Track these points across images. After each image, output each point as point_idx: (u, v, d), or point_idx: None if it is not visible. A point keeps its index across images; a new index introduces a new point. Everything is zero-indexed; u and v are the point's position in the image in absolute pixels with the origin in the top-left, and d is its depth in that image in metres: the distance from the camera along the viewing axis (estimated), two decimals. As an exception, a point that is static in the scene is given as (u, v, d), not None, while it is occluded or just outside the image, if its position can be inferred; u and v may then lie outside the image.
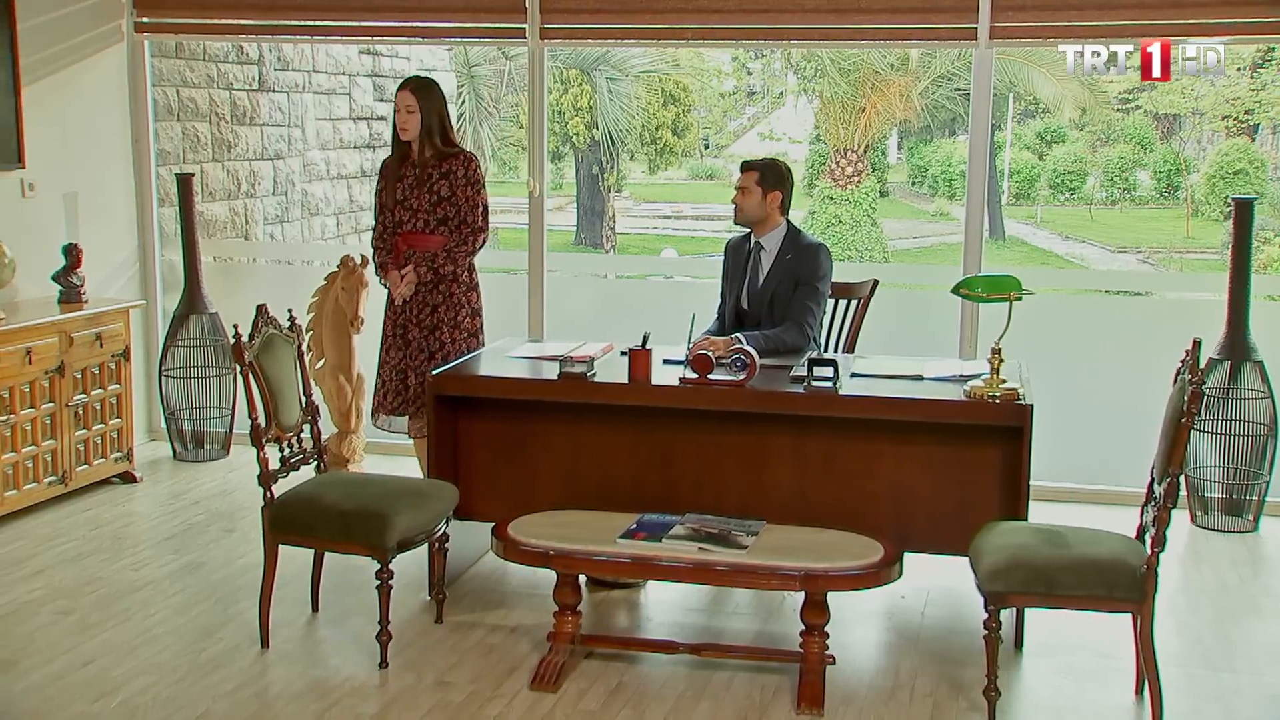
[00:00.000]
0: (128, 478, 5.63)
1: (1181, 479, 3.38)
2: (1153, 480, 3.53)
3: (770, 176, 4.60)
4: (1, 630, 3.99)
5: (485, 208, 4.80)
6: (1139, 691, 3.62)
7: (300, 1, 5.88)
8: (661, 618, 4.20)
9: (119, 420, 5.56)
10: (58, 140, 5.71)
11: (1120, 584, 3.32)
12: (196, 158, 7.01)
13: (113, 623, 4.06)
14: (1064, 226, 19.84)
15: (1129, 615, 3.43)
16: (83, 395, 5.32)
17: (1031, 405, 3.81)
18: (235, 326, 3.88)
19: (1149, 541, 3.34)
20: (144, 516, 5.23)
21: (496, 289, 5.38)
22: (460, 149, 4.81)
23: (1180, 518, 5.12)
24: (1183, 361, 3.58)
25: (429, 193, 4.72)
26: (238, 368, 3.85)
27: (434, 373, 4.28)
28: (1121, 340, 5.64)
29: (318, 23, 6.01)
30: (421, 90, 4.75)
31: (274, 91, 8.01)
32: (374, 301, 5.73)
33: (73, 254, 5.48)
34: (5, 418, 4.90)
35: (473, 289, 4.86)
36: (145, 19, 6.08)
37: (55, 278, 5.46)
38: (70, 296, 5.45)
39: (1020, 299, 3.90)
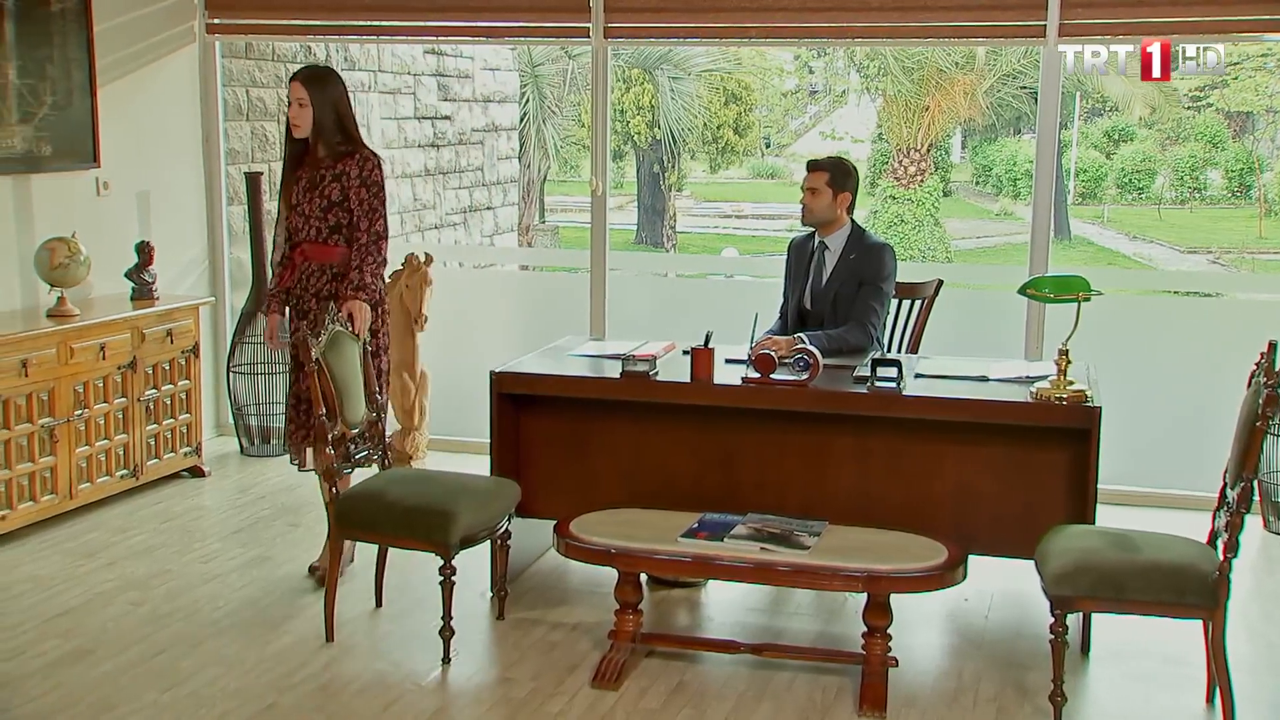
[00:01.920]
0: (196, 472, 5.72)
1: (1255, 484, 3.31)
2: (1225, 485, 3.47)
3: (840, 177, 4.57)
4: (76, 620, 4.08)
5: (383, 214, 4.27)
6: (1209, 699, 3.55)
7: (367, 2, 5.95)
8: (722, 617, 4.19)
9: (188, 415, 5.65)
10: (131, 140, 5.81)
11: (1191, 589, 3.26)
12: (265, 157, 7.10)
13: (182, 614, 4.13)
14: (1131, 226, 19.52)
15: (1199, 621, 3.38)
16: (153, 390, 5.42)
17: (1100, 407, 3.75)
18: (302, 323, 3.93)
19: (1221, 547, 3.28)
20: (212, 510, 5.32)
21: (558, 288, 5.41)
22: (358, 147, 4.30)
23: (1253, 523, 5.01)
24: (1257, 364, 3.51)
25: (320, 196, 4.23)
26: (304, 365, 3.89)
27: (495, 370, 4.29)
28: (1192, 342, 5.54)
29: (384, 23, 6.08)
30: (314, 81, 4.26)
31: (340, 91, 8.08)
32: (437, 300, 5.79)
33: (145, 251, 5.58)
34: (80, 412, 5.01)
35: (381, 302, 4.35)
36: (216, 20, 6.18)
37: (128, 275, 5.57)
38: (142, 293, 5.55)
39: (1089, 299, 3.84)
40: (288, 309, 4.43)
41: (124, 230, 5.75)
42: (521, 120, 15.29)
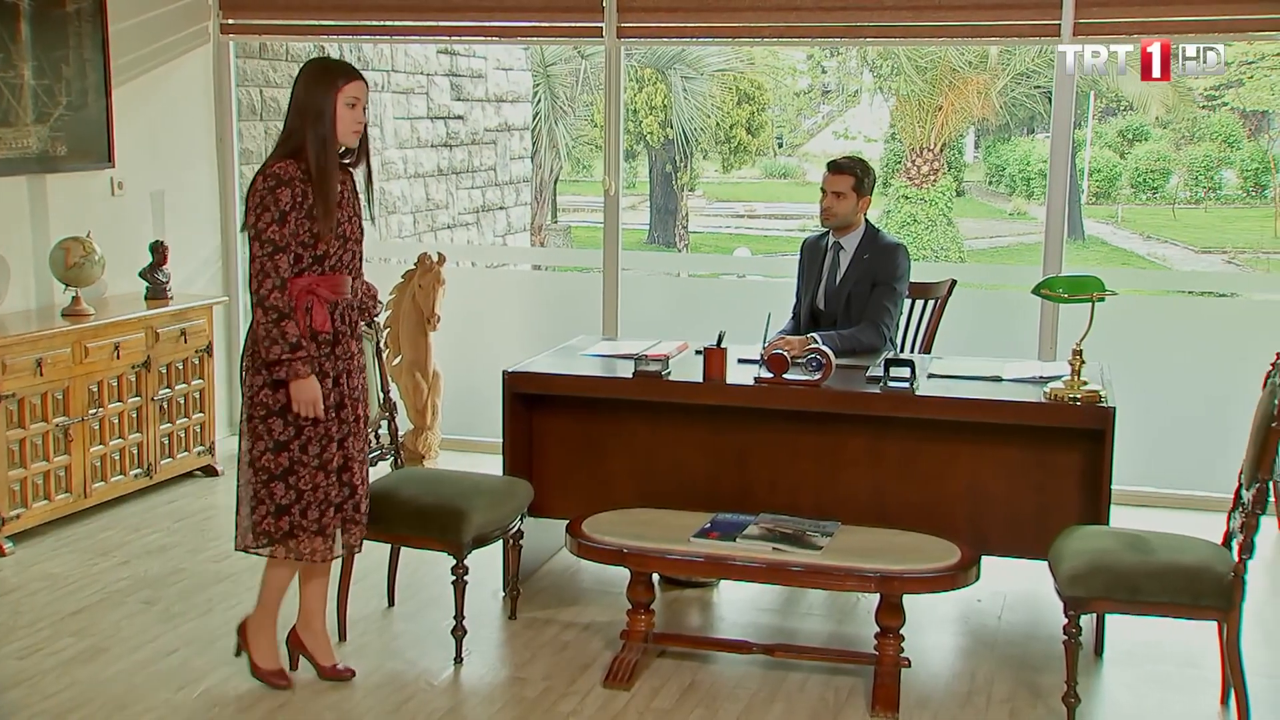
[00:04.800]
0: (210, 471, 5.73)
1: (1271, 485, 3.29)
2: (1240, 486, 3.45)
3: (866, 182, 4.56)
4: (91, 618, 4.09)
5: None
6: (1224, 701, 3.54)
7: (381, 2, 5.96)
8: (735, 617, 4.19)
9: (202, 414, 5.67)
10: (145, 140, 5.83)
11: (1206, 591, 3.24)
12: (278, 157, 7.12)
13: (196, 613, 4.14)
14: (1145, 226, 19.43)
15: (1214, 623, 3.36)
16: (167, 390, 5.43)
17: (1114, 408, 3.74)
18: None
19: (1236, 548, 3.27)
20: (225, 509, 5.32)
21: (570, 287, 5.41)
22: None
23: (1268, 525, 4.98)
24: (1274, 365, 3.49)
25: (357, 215, 3.59)
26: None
27: (508, 370, 4.29)
28: (1207, 342, 5.52)
29: (397, 23, 6.09)
30: None
31: (353, 91, 8.10)
32: (450, 299, 5.79)
33: (159, 251, 5.60)
34: (94, 411, 5.02)
35: None
36: (230, 20, 6.20)
37: (142, 274, 5.58)
38: (156, 293, 5.56)
39: (1103, 299, 3.83)
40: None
41: (138, 230, 5.77)
42: (534, 120, 15.30)
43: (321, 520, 3.45)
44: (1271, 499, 4.49)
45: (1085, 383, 3.81)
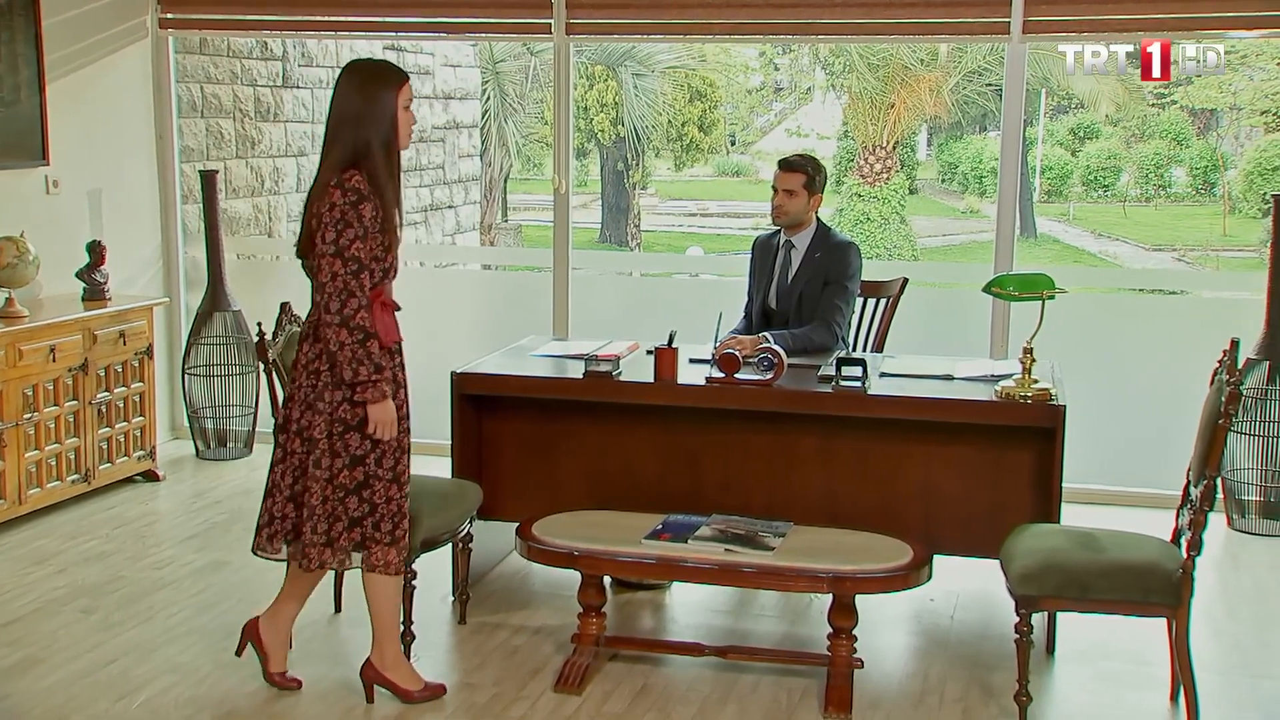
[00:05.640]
0: (150, 476, 5.67)
1: (1218, 481, 3.35)
2: (1189, 483, 3.51)
3: (818, 180, 4.59)
4: (25, 629, 4.02)
5: None
6: (1174, 698, 3.60)
7: (324, -3, 5.92)
8: (687, 620, 4.19)
9: (142, 418, 5.60)
10: (81, 137, 5.75)
11: (1155, 588, 3.29)
12: (220, 154, 7.04)
13: (135, 622, 4.09)
14: (1097, 224, 19.70)
15: (1164, 620, 3.41)
16: (106, 393, 5.36)
17: (1064, 406, 3.78)
18: (259, 324, 3.90)
19: (1185, 545, 3.32)
20: (167, 515, 5.27)
21: (521, 287, 5.40)
22: None
23: (1217, 521, 5.07)
24: (1220, 362, 3.55)
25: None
26: (261, 365, 3.86)
27: (457, 371, 4.28)
28: (1156, 340, 5.60)
29: (342, 19, 6.04)
30: None
31: (298, 88, 8.05)
32: (397, 299, 5.73)
33: (96, 251, 5.52)
34: (29, 415, 4.95)
35: None
36: (169, 15, 6.12)
37: (79, 275, 5.50)
38: (94, 294, 5.49)
39: (1053, 297, 3.87)
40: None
41: (75, 229, 5.69)
42: (483, 117, 15.24)
43: (395, 532, 3.40)
44: (1219, 495, 4.57)
45: (1036, 381, 3.85)
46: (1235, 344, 3.57)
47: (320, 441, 3.34)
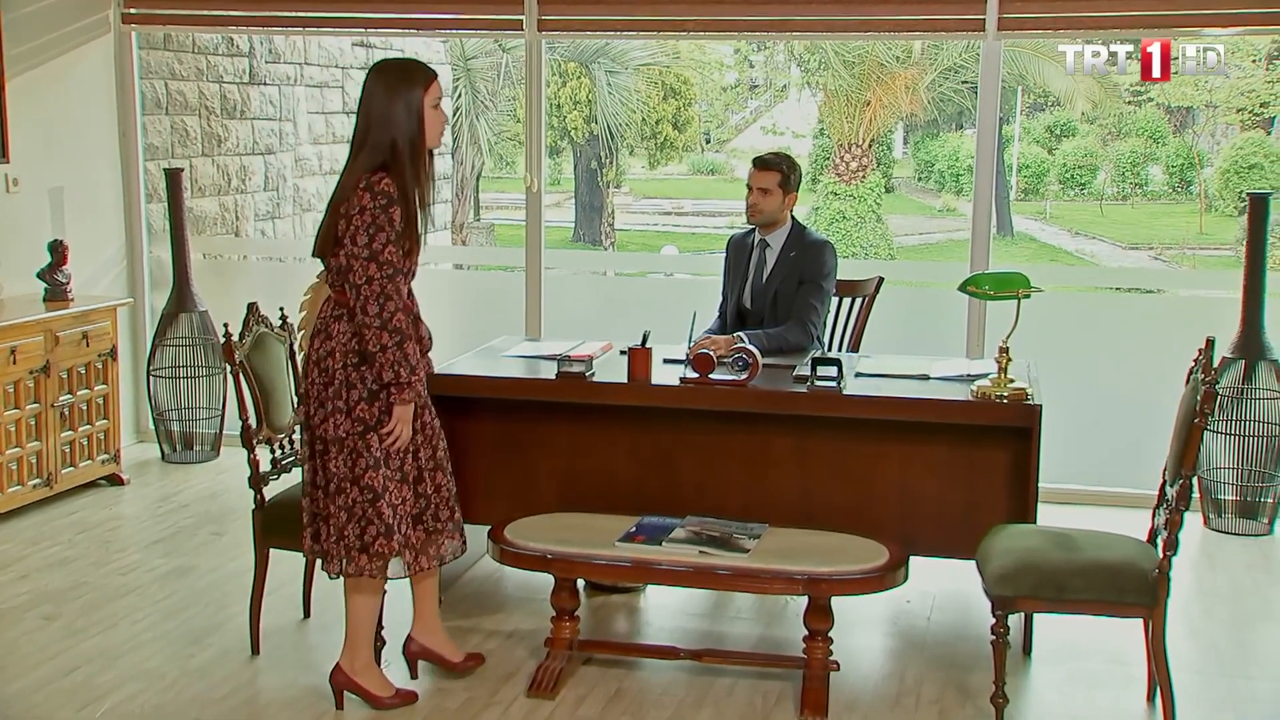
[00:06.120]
0: (115, 480, 5.63)
1: (1194, 481, 3.38)
2: (1165, 482, 3.53)
3: (793, 178, 4.60)
4: (-14, 636, 4.00)
5: None
6: (1150, 699, 3.63)
7: (292, -8, 5.90)
8: (661, 623, 4.20)
9: (106, 421, 5.56)
10: (42, 135, 5.71)
11: (1131, 588, 3.32)
12: (185, 152, 7.01)
13: (99, 628, 4.06)
14: (1073, 222, 19.83)
15: (1140, 620, 3.44)
16: (68, 396, 5.32)
17: (1040, 405, 3.81)
18: (225, 325, 3.89)
19: (1161, 545, 3.34)
20: (131, 520, 5.24)
21: (493, 287, 5.40)
22: None
23: (1193, 521, 5.11)
24: (1195, 360, 3.59)
25: None
26: (228, 367, 3.85)
27: (429, 372, 4.26)
28: (1133, 339, 5.65)
29: (310, 14, 6.02)
30: None
31: (265, 84, 8.01)
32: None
33: (58, 251, 5.48)
34: (-11, 418, 4.91)
35: None
36: (132, 10, 6.09)
37: (40, 275, 5.46)
38: (56, 294, 5.45)
39: (1028, 296, 3.90)
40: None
41: (36, 229, 5.64)
42: (454, 115, 15.21)
43: (407, 535, 3.43)
44: (1195, 495, 4.61)
45: (1012, 380, 3.87)
46: (1210, 343, 3.61)
47: (333, 442, 3.35)
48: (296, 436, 4.06)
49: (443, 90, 3.42)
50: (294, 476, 4.04)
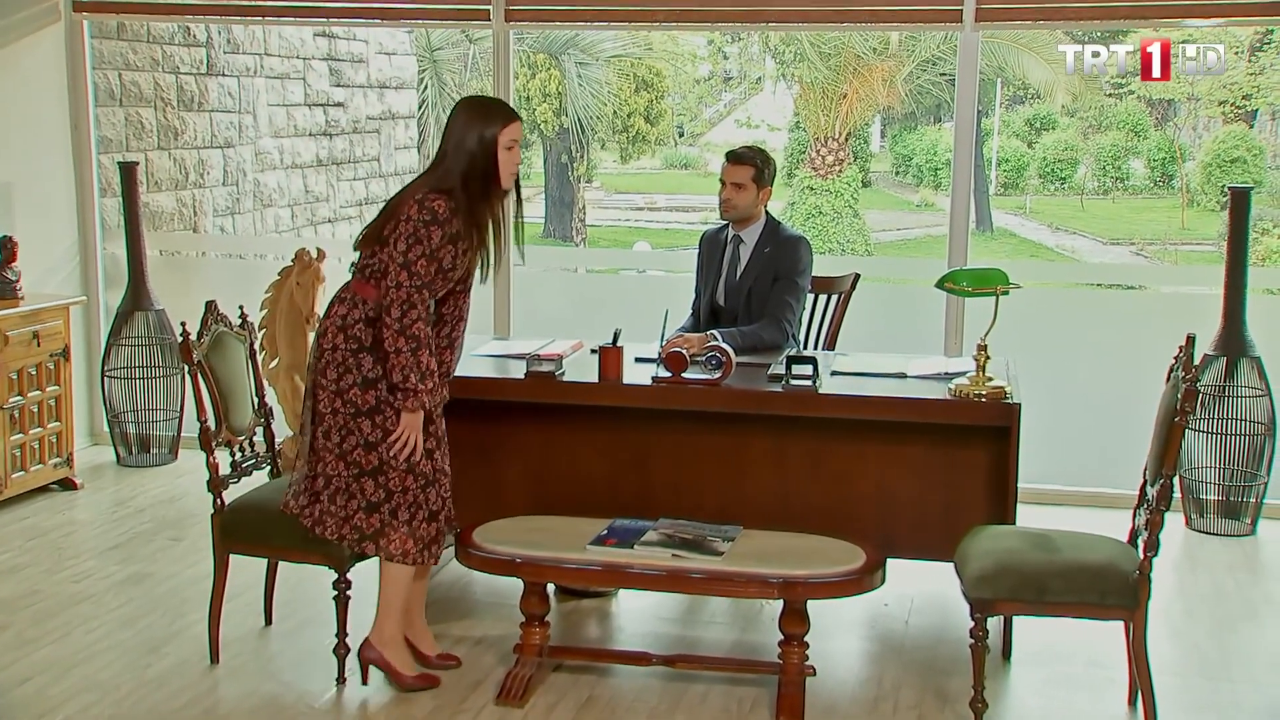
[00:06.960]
0: (68, 484, 5.58)
1: (1176, 480, 3.40)
2: (1145, 482, 3.56)
3: (766, 172, 4.61)
4: (-66, 647, 3.96)
5: None
6: (1132, 702, 3.65)
7: (251, -20, 5.87)
8: (634, 628, 4.20)
9: (58, 424, 5.52)
10: (-8, 127, 5.66)
11: (1112, 590, 3.34)
12: (141, 145, 6.96)
13: (52, 638, 4.03)
14: (1054, 217, 19.96)
15: (1121, 623, 3.47)
16: (19, 397, 5.28)
17: (1019, 404, 3.83)
18: (183, 324, 3.86)
19: (1142, 546, 3.37)
20: (86, 525, 5.20)
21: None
22: None
23: (1174, 521, 5.16)
24: (1176, 358, 3.61)
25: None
26: (186, 368, 3.82)
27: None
28: (1114, 336, 5.69)
29: (270, 3, 5.99)
30: None
31: (223, 75, 7.96)
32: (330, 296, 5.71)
33: (8, 247, 5.44)
34: (-63, 421, 4.87)
35: None
36: (85, -2, 6.05)
37: (-10, 273, 5.42)
38: (5, 292, 5.40)
39: (1007, 293, 3.92)
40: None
41: (-15, 224, 5.60)
42: (420, 108, 15.15)
43: (412, 523, 3.56)
44: (1177, 495, 4.65)
45: (990, 379, 3.89)
46: (1191, 340, 3.64)
47: (326, 416, 3.56)
48: (258, 437, 4.06)
49: (520, 134, 3.63)
50: (254, 480, 4.03)
